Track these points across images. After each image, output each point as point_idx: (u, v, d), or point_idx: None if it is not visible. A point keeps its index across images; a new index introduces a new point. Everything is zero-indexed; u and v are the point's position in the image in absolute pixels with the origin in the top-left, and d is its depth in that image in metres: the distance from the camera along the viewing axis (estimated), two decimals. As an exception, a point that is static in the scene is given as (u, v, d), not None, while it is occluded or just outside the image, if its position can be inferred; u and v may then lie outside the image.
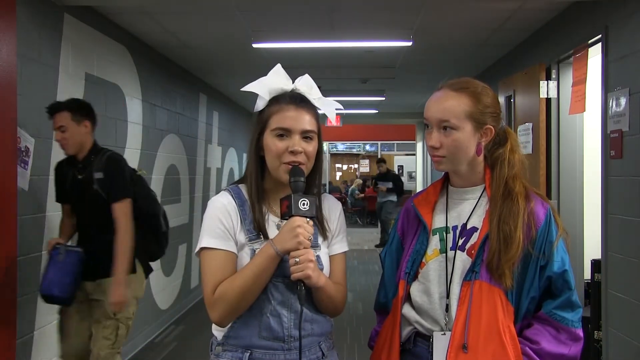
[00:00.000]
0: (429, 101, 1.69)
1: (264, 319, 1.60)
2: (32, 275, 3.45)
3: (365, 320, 5.83)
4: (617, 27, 3.45)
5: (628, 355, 3.32)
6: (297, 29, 4.89)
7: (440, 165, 1.67)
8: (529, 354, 1.56)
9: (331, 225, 1.75)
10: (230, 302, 1.55)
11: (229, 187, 1.70)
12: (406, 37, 4.96)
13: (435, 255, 1.69)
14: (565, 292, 1.59)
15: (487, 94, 1.66)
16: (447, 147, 1.62)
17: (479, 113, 1.62)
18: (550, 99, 4.39)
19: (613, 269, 3.50)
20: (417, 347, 1.69)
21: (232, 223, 1.61)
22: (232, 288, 1.55)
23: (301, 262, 1.52)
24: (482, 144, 1.65)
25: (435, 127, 1.64)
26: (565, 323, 1.58)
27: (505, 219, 1.58)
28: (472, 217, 1.67)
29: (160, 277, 5.72)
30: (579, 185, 4.33)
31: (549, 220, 1.61)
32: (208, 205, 1.66)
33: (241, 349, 1.61)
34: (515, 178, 1.65)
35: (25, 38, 3.34)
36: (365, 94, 8.38)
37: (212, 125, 7.80)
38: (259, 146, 1.65)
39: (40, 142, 3.50)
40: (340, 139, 18.90)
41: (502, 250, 1.56)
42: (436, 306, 1.65)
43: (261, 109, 1.67)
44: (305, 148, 1.61)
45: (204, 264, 1.61)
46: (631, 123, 3.26)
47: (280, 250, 1.53)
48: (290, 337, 1.61)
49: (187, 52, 5.64)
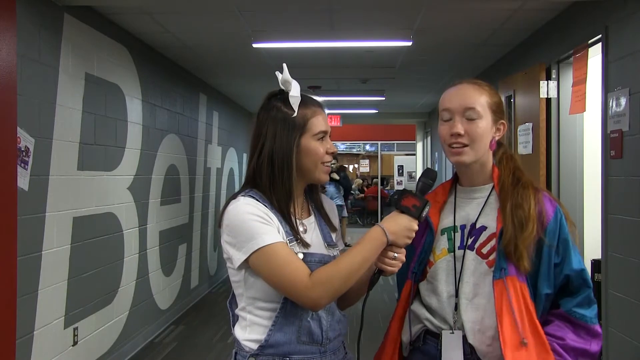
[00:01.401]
0: (447, 94, 1.70)
1: (304, 323, 1.59)
2: (32, 275, 3.45)
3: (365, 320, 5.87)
4: (617, 27, 3.45)
5: (628, 355, 3.32)
6: (297, 29, 4.88)
7: (462, 155, 1.66)
8: (557, 349, 1.57)
9: (335, 221, 1.79)
10: (335, 284, 1.51)
11: (246, 194, 1.62)
12: (406, 37, 4.96)
13: (444, 255, 1.70)
14: (584, 290, 1.62)
15: (497, 94, 1.74)
16: (471, 135, 1.64)
17: (496, 106, 1.68)
18: (550, 99, 4.39)
19: (613, 269, 3.50)
20: (427, 344, 1.70)
21: (275, 221, 1.59)
22: (338, 271, 1.52)
23: (398, 259, 1.57)
24: (496, 139, 1.69)
25: (458, 115, 1.66)
26: (585, 320, 1.60)
27: (518, 203, 1.61)
28: (481, 216, 1.68)
29: (160, 277, 5.72)
30: (579, 185, 4.33)
31: (560, 217, 1.63)
32: (236, 210, 1.58)
33: (279, 357, 1.58)
34: (521, 170, 1.71)
35: (25, 38, 3.34)
36: (365, 94, 8.38)
37: (212, 125, 7.80)
38: (297, 150, 1.62)
39: (40, 142, 3.50)
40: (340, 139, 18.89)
41: (518, 232, 1.57)
42: (445, 305, 1.65)
43: (291, 115, 1.63)
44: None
45: (274, 257, 1.53)
46: (631, 123, 3.26)
47: (390, 241, 1.55)
48: (327, 339, 1.62)
49: (187, 52, 5.64)
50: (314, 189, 1.75)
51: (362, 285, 1.65)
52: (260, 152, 1.64)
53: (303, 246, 1.60)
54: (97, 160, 4.30)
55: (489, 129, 1.66)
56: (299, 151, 1.62)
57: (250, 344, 1.60)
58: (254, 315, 1.61)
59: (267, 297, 1.58)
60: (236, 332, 1.65)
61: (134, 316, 5.00)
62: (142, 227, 5.21)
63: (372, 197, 16.76)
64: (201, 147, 7.21)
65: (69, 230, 3.89)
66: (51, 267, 3.64)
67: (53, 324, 3.69)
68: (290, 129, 1.62)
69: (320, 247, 1.66)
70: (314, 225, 1.71)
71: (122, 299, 4.77)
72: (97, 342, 4.33)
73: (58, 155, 3.72)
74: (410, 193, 1.60)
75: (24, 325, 3.34)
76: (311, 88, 7.63)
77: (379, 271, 1.59)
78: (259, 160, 1.64)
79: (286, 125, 1.62)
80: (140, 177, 5.13)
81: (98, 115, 4.31)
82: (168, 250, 5.95)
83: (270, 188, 1.62)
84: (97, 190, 4.30)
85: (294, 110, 1.62)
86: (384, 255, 1.57)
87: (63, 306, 3.82)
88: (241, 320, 1.65)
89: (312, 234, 1.68)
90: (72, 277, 3.93)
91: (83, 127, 4.06)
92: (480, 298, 1.62)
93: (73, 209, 3.94)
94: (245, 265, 1.57)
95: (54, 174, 3.66)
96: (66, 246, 3.86)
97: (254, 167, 1.65)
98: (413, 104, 10.29)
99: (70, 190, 3.90)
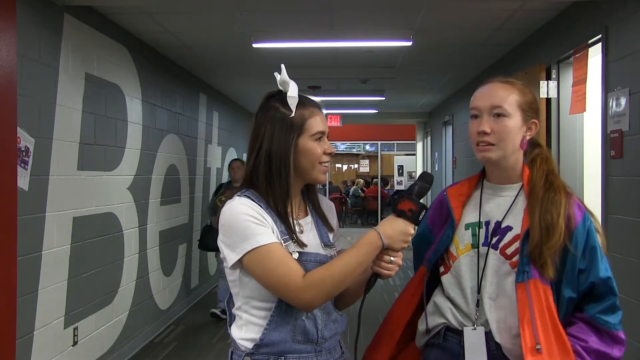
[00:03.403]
0: (477, 92, 1.72)
1: (299, 322, 1.59)
2: (32, 275, 3.45)
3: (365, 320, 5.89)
4: (617, 27, 3.45)
5: (628, 355, 3.31)
6: (297, 29, 4.88)
7: (489, 152, 1.66)
8: (579, 351, 1.56)
9: (333, 222, 1.79)
10: (328, 287, 1.53)
11: (242, 194, 1.62)
12: (406, 37, 4.96)
13: (467, 250, 1.70)
14: (610, 298, 1.62)
15: (531, 92, 1.73)
16: (498, 134, 1.64)
17: (527, 105, 1.68)
18: (550, 99, 4.39)
19: (613, 269, 3.47)
20: (448, 341, 1.70)
21: (270, 222, 1.59)
22: (331, 273, 1.53)
23: (394, 263, 1.58)
24: (527, 138, 1.68)
25: (486, 113, 1.66)
26: (608, 326, 1.60)
27: (548, 208, 1.59)
28: (508, 216, 1.67)
29: (160, 277, 5.72)
30: (579, 185, 4.33)
31: (589, 224, 1.62)
32: (231, 211, 1.58)
33: (274, 356, 1.59)
34: (555, 173, 1.69)
35: (25, 38, 3.34)
36: (365, 94, 8.38)
37: (212, 125, 7.80)
38: (295, 150, 1.63)
39: (40, 142, 3.50)
40: (340, 139, 18.89)
41: (544, 238, 1.56)
42: (468, 300, 1.66)
43: (289, 115, 1.63)
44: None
45: (268, 258, 1.53)
46: (631, 123, 3.26)
47: (386, 245, 1.56)
48: (323, 338, 1.63)
49: (187, 52, 5.64)
50: (311, 189, 1.76)
51: (359, 287, 1.66)
52: (258, 152, 1.64)
53: (299, 246, 1.61)
54: (97, 160, 4.30)
55: (517, 128, 1.65)
56: (296, 151, 1.63)
57: (245, 343, 1.61)
58: (249, 315, 1.62)
59: (262, 297, 1.59)
60: (232, 331, 1.65)
61: (134, 316, 5.00)
62: (142, 227, 5.21)
63: (372, 197, 16.75)
64: (201, 147, 7.21)
65: (69, 230, 3.89)
66: (51, 267, 3.64)
67: (53, 324, 3.69)
68: (288, 129, 1.62)
69: (317, 247, 1.66)
70: (310, 226, 1.71)
71: (122, 299, 4.77)
72: (97, 342, 4.33)
73: (58, 155, 3.71)
74: (407, 196, 1.59)
75: (24, 325, 3.34)
76: (311, 88, 7.63)
77: (375, 275, 1.60)
78: (256, 160, 1.64)
79: (284, 126, 1.62)
80: (140, 177, 5.13)
81: (98, 115, 4.31)
82: (168, 250, 5.95)
83: (267, 188, 1.62)
84: (97, 190, 4.30)
85: (292, 111, 1.63)
86: (380, 259, 1.58)
87: (63, 306, 3.82)
88: (237, 320, 1.65)
89: (308, 234, 1.68)
90: (72, 277, 3.93)
91: (83, 127, 4.06)
92: (503, 298, 1.63)
93: (73, 209, 3.94)
94: (239, 265, 1.58)
95: (54, 174, 3.66)
96: (66, 246, 3.86)
97: (252, 167, 1.66)
98: (413, 104, 10.29)
99: (70, 190, 3.90)
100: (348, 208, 17.31)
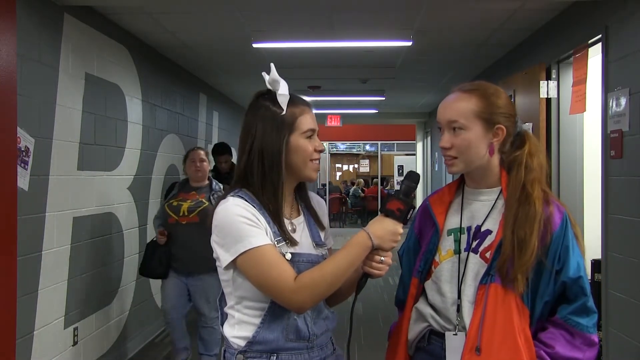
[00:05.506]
0: (440, 104, 1.72)
1: (291, 321, 1.60)
2: (32, 275, 3.45)
3: (365, 320, 5.89)
4: (617, 27, 3.45)
5: (628, 356, 3.32)
6: (297, 29, 4.88)
7: (452, 167, 1.68)
8: (544, 357, 1.56)
9: (324, 220, 1.80)
10: (320, 288, 1.54)
11: (235, 194, 1.63)
12: (406, 37, 4.96)
13: (450, 256, 1.70)
14: (580, 298, 1.58)
15: (499, 95, 1.68)
16: (457, 147, 1.64)
17: (489, 113, 1.64)
18: (550, 99, 4.39)
19: (613, 269, 3.50)
20: (432, 344, 1.70)
21: (263, 223, 1.60)
22: (323, 275, 1.54)
23: (384, 263, 1.59)
24: (495, 144, 1.66)
25: (446, 128, 1.67)
26: (580, 328, 1.57)
27: (521, 224, 1.57)
28: (488, 220, 1.67)
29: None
30: (579, 185, 4.33)
31: (565, 224, 1.61)
32: (225, 212, 1.59)
33: (267, 354, 1.60)
34: (534, 182, 1.63)
35: (25, 38, 3.34)
36: (365, 94, 8.39)
37: (212, 125, 7.80)
38: (286, 148, 1.63)
39: (40, 142, 3.50)
40: (340, 139, 18.90)
41: (516, 255, 1.55)
42: (448, 306, 1.66)
43: (280, 113, 1.64)
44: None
45: (260, 260, 1.54)
46: (631, 123, 3.26)
47: (376, 246, 1.57)
48: (314, 335, 1.64)
49: (187, 52, 5.64)
50: (302, 188, 1.76)
51: (350, 286, 1.67)
52: (249, 151, 1.64)
53: (292, 245, 1.61)
54: (97, 160, 4.30)
55: (479, 138, 1.64)
56: (288, 149, 1.63)
57: (238, 341, 1.62)
58: (242, 314, 1.63)
59: (255, 297, 1.60)
60: (225, 330, 1.66)
61: (134, 316, 5.00)
62: (142, 227, 5.21)
63: (372, 197, 16.75)
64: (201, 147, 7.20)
65: (69, 230, 3.89)
66: (51, 267, 3.64)
67: (53, 324, 3.69)
68: (279, 127, 1.63)
69: (309, 247, 1.67)
70: (302, 225, 1.72)
71: (122, 299, 4.77)
72: (97, 342, 4.33)
73: (58, 155, 3.71)
74: (395, 196, 1.60)
75: (24, 325, 3.34)
76: (311, 88, 7.63)
77: (366, 275, 1.61)
78: (248, 159, 1.64)
79: (275, 124, 1.63)
80: (140, 177, 5.13)
81: (98, 115, 4.31)
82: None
83: (260, 187, 1.63)
84: (97, 190, 4.30)
85: (283, 109, 1.63)
86: (370, 259, 1.58)
87: (63, 306, 3.82)
88: (230, 318, 1.66)
89: (301, 233, 1.69)
90: (72, 277, 3.93)
91: (83, 127, 4.06)
92: None
93: (73, 209, 3.94)
94: (232, 266, 1.58)
95: (54, 174, 3.66)
96: (66, 246, 3.86)
97: (243, 166, 1.66)
98: (413, 104, 10.30)
99: (70, 190, 3.90)
100: (348, 208, 17.31)
